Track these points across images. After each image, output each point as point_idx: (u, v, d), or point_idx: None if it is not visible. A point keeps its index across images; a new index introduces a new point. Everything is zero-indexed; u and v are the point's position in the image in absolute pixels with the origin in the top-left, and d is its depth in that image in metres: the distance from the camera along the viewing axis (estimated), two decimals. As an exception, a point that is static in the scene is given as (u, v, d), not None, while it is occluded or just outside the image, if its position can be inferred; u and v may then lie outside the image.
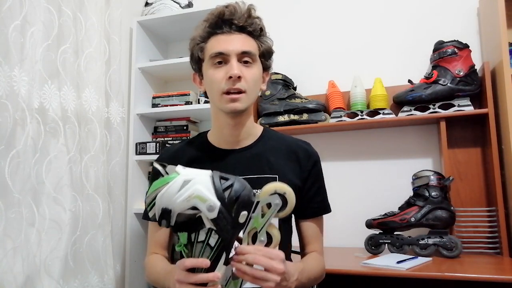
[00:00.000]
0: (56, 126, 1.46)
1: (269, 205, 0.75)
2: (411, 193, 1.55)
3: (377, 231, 1.57)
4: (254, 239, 0.76)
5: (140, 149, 1.90)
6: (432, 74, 1.63)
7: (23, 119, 1.30)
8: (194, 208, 0.68)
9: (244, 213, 0.71)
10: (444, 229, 1.46)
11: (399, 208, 1.55)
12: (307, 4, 2.02)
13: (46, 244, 1.38)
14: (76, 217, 1.48)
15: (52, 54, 1.46)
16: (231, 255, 0.74)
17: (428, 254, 1.45)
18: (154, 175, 0.74)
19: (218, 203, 0.68)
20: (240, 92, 0.94)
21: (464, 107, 1.58)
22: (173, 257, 1.71)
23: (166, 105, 1.96)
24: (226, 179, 0.71)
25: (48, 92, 1.43)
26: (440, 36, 1.70)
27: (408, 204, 1.53)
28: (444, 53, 1.61)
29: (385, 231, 1.54)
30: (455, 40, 1.62)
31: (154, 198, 0.69)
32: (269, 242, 0.77)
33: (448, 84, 1.60)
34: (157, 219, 0.70)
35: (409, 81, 1.71)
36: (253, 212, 0.74)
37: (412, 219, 1.48)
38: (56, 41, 1.47)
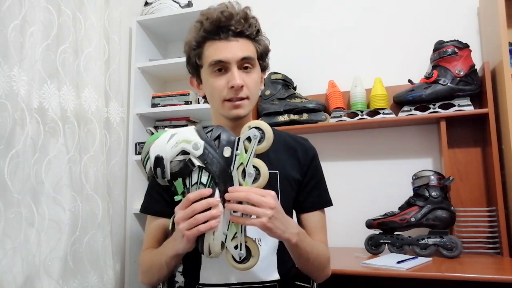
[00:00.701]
0: (55, 126, 1.46)
1: (249, 141, 0.81)
2: (411, 193, 1.55)
3: (377, 231, 1.57)
4: (243, 176, 0.81)
5: (140, 149, 1.90)
6: (432, 74, 1.63)
7: (22, 119, 1.29)
8: (183, 153, 0.79)
9: (228, 148, 0.80)
10: (444, 229, 1.46)
11: (399, 208, 1.55)
12: (307, 4, 2.02)
13: (45, 244, 1.38)
14: (75, 217, 1.48)
15: (52, 54, 1.46)
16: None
17: (428, 254, 1.45)
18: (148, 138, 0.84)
19: (202, 141, 0.80)
20: (242, 98, 0.94)
21: (464, 107, 1.58)
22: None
23: (166, 105, 1.96)
24: (207, 127, 0.83)
25: (47, 92, 1.43)
26: (440, 36, 1.70)
27: (408, 204, 1.53)
28: (444, 53, 1.61)
29: (385, 231, 1.54)
30: (455, 40, 1.62)
31: (148, 152, 0.81)
32: (258, 176, 0.82)
33: (448, 84, 1.59)
34: (153, 170, 0.80)
35: (409, 81, 1.70)
36: (237, 149, 0.81)
37: (412, 219, 1.48)
38: (55, 40, 1.47)
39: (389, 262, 1.34)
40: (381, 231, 1.55)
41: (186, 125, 1.97)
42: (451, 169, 1.65)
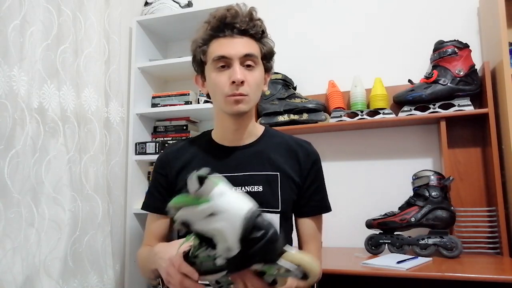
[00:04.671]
0: (55, 126, 1.46)
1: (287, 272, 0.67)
2: (411, 193, 1.55)
3: (377, 231, 1.56)
4: (261, 274, 0.70)
5: (140, 149, 1.90)
6: (432, 74, 1.63)
7: (22, 119, 1.30)
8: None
9: (259, 265, 0.65)
10: (444, 229, 1.46)
11: (399, 208, 1.54)
12: (307, 4, 2.02)
13: (45, 244, 1.38)
14: (75, 217, 1.48)
15: (52, 54, 1.46)
16: None
17: (428, 254, 1.45)
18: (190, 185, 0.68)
19: (236, 250, 0.62)
20: (242, 95, 0.95)
21: (464, 107, 1.58)
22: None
23: (166, 105, 1.96)
24: (259, 230, 0.62)
25: (47, 92, 1.43)
26: (440, 36, 1.70)
27: (408, 204, 1.53)
28: (444, 52, 1.61)
29: (385, 231, 1.54)
30: (455, 40, 1.62)
31: (178, 209, 0.65)
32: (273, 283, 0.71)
33: (448, 84, 1.59)
34: (176, 225, 0.67)
35: (409, 81, 1.70)
36: (268, 266, 0.67)
37: (412, 219, 1.48)
38: (55, 40, 1.47)
39: (389, 262, 1.34)
40: (381, 231, 1.55)
41: (186, 125, 1.98)
42: (451, 169, 1.65)
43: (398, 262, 1.32)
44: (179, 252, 0.73)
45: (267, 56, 1.02)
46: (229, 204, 0.63)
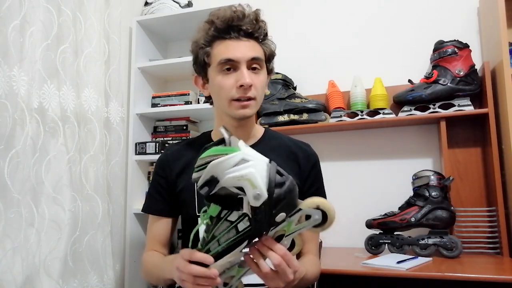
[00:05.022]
0: (55, 126, 1.46)
1: (306, 216, 0.72)
2: (411, 193, 1.55)
3: (377, 231, 1.56)
4: (277, 240, 0.73)
5: (140, 149, 1.90)
6: (432, 74, 1.63)
7: (22, 119, 1.30)
8: (240, 189, 0.67)
9: (283, 214, 0.69)
10: (444, 229, 1.46)
11: (399, 208, 1.54)
12: (307, 4, 2.02)
13: (45, 244, 1.38)
14: (75, 217, 1.48)
15: (52, 54, 1.46)
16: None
17: (428, 254, 1.45)
18: (218, 142, 0.71)
19: (265, 195, 0.66)
20: (250, 99, 0.94)
21: (464, 107, 1.58)
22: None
23: (166, 105, 1.96)
24: (281, 175, 0.69)
25: (47, 92, 1.43)
26: (440, 36, 1.70)
27: (408, 204, 1.53)
28: (444, 52, 1.61)
29: (385, 231, 1.54)
30: (455, 40, 1.62)
31: (208, 163, 0.67)
32: (290, 248, 0.75)
33: (448, 84, 1.59)
34: (200, 184, 0.68)
35: (409, 81, 1.70)
36: (291, 216, 0.71)
37: (412, 219, 1.48)
38: (55, 40, 1.47)
39: (389, 262, 1.34)
40: (381, 231, 1.55)
41: (186, 125, 1.98)
42: (451, 169, 1.65)
43: (398, 262, 1.32)
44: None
45: (270, 59, 1.02)
46: (254, 153, 0.69)
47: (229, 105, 0.95)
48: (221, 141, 0.71)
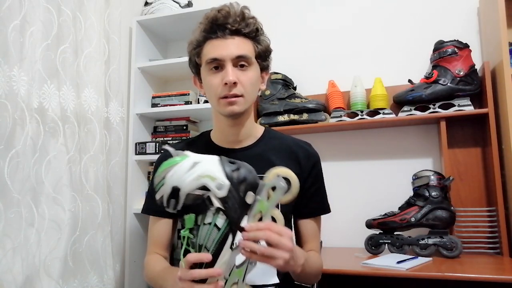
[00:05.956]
0: (55, 126, 1.46)
1: (273, 189, 0.75)
2: (411, 193, 1.55)
3: (377, 231, 1.56)
4: None
5: (140, 149, 1.90)
6: (432, 74, 1.63)
7: (22, 119, 1.30)
8: (203, 188, 0.70)
9: (251, 193, 0.73)
10: (444, 229, 1.46)
11: (399, 208, 1.54)
12: (307, 4, 2.02)
13: (45, 244, 1.38)
14: (75, 217, 1.48)
15: (52, 54, 1.46)
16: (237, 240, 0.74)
17: (428, 254, 1.45)
18: (163, 158, 0.75)
19: (227, 182, 0.70)
20: (236, 96, 0.95)
21: (464, 107, 1.58)
22: (173, 257, 1.72)
23: (166, 105, 1.96)
24: (233, 163, 0.74)
25: (47, 92, 1.43)
26: (440, 36, 1.70)
27: (408, 204, 1.53)
28: (444, 52, 1.61)
29: (385, 231, 1.54)
30: (455, 40, 1.62)
31: (163, 178, 0.71)
32: None
33: (448, 84, 1.59)
34: (165, 200, 0.71)
35: (409, 81, 1.70)
36: (259, 194, 0.74)
37: (412, 219, 1.48)
38: (55, 40, 1.47)
39: (389, 262, 1.34)
40: (381, 231, 1.55)
41: (186, 125, 1.98)
42: (451, 169, 1.65)
43: (398, 262, 1.32)
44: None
45: (262, 55, 1.01)
46: (202, 155, 0.74)
47: (218, 103, 0.96)
48: (167, 156, 0.75)
